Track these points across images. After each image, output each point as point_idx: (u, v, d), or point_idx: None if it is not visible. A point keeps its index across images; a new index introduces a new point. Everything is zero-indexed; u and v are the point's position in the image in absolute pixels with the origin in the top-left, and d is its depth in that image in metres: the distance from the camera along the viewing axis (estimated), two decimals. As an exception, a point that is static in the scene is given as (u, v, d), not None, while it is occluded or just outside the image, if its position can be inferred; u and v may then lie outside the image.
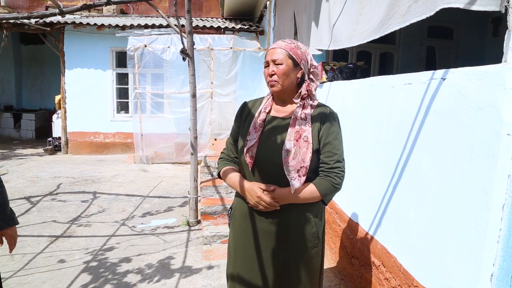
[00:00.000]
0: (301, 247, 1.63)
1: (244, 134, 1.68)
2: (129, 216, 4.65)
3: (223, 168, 1.76)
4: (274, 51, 1.62)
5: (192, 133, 4.42)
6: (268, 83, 1.64)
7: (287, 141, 1.56)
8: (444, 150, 1.73)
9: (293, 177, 1.53)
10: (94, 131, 9.07)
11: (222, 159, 1.82)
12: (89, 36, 8.64)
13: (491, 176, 1.45)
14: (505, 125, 1.39)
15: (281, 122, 1.65)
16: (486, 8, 1.62)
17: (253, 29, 8.87)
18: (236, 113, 1.81)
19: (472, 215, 1.54)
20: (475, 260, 1.51)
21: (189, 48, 4.23)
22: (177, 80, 8.09)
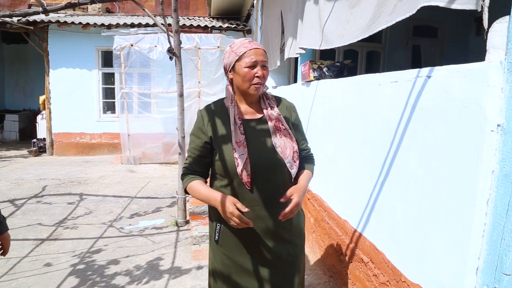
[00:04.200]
0: (301, 238, 1.73)
1: (226, 151, 1.55)
2: (117, 217, 4.60)
3: (190, 182, 1.60)
4: (262, 52, 1.56)
5: (180, 133, 4.39)
6: (253, 85, 1.55)
7: (274, 138, 1.57)
8: (430, 147, 1.75)
9: (291, 166, 1.58)
10: (80, 132, 8.94)
11: (187, 174, 1.64)
12: (74, 35, 8.51)
13: (476, 172, 1.47)
14: (489, 122, 1.41)
15: (258, 123, 1.62)
16: (464, 6, 1.65)
17: (240, 28, 8.85)
18: (196, 124, 1.66)
19: (458, 211, 1.56)
20: (461, 254, 1.53)
21: (176, 47, 4.20)
22: (164, 79, 8.04)
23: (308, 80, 3.85)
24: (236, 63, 1.55)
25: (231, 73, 1.59)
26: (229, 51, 1.58)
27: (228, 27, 8.80)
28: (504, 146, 1.37)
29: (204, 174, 1.67)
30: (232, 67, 1.57)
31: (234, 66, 1.56)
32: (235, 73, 1.57)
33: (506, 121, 1.36)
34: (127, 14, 10.14)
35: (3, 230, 1.79)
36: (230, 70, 1.59)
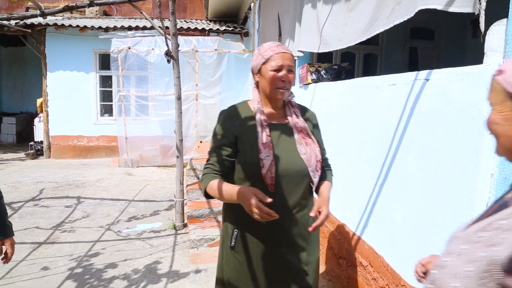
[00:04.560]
0: (316, 246, 1.71)
1: (251, 152, 1.53)
2: (115, 220, 4.58)
3: (211, 181, 1.52)
4: (289, 57, 1.53)
5: (178, 136, 4.38)
6: (278, 88, 1.53)
7: (299, 145, 1.56)
8: (429, 150, 1.76)
9: (314, 174, 1.58)
10: (77, 135, 8.90)
11: (209, 174, 1.56)
12: (72, 38, 8.49)
13: (475, 175, 1.47)
14: (487, 124, 1.41)
15: (283, 127, 1.60)
16: (462, 9, 1.66)
17: (237, 31, 8.86)
18: (221, 124, 1.61)
19: (457, 214, 1.56)
20: (460, 258, 1.53)
21: (173, 50, 4.20)
22: (162, 82, 8.02)
23: (306, 83, 3.85)
24: (262, 66, 1.54)
25: (257, 75, 1.58)
26: (257, 54, 1.57)
27: (225, 30, 8.81)
28: (503, 149, 1.37)
29: (227, 175, 1.60)
30: (258, 69, 1.56)
31: (261, 69, 1.55)
32: (261, 76, 1.56)
33: (504, 124, 1.36)
34: (124, 17, 10.14)
35: (10, 234, 1.78)
36: (257, 73, 1.58)
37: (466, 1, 1.63)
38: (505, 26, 1.50)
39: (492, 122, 0.73)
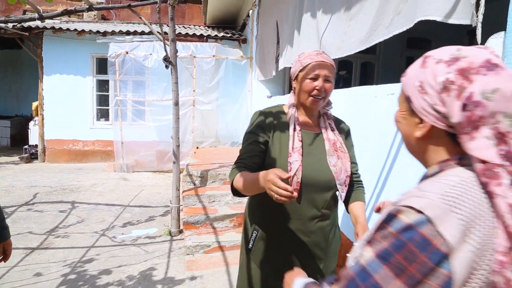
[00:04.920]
0: (334, 259, 1.67)
1: (280, 155, 1.51)
2: (109, 226, 4.54)
3: (238, 174, 1.42)
4: (328, 66, 1.50)
5: (175, 142, 4.37)
6: (312, 96, 1.51)
7: (330, 156, 1.54)
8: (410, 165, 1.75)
9: (342, 188, 1.55)
10: (72, 139, 8.85)
11: (238, 168, 1.48)
12: (69, 41, 8.48)
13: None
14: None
15: (315, 136, 1.59)
16: (460, 21, 1.68)
17: (235, 38, 8.89)
18: (256, 122, 1.60)
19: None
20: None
21: (172, 56, 4.20)
22: (159, 87, 8.02)
23: (304, 91, 3.88)
24: (299, 72, 1.53)
25: (295, 82, 1.58)
26: (296, 60, 1.55)
27: (223, 36, 8.84)
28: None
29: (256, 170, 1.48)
30: (296, 76, 1.56)
31: (298, 76, 1.54)
32: (298, 83, 1.55)
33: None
34: (122, 22, 10.15)
35: (7, 236, 1.86)
36: (294, 79, 1.58)
37: (464, 13, 1.65)
38: (503, 39, 1.51)
39: (395, 120, 0.83)
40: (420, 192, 0.66)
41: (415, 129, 0.76)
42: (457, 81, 0.66)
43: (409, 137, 0.80)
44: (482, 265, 0.62)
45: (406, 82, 0.76)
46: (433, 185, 0.67)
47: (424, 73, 0.72)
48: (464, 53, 0.69)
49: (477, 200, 0.63)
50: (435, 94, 0.69)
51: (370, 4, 2.20)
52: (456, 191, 0.64)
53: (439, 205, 0.62)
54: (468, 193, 0.63)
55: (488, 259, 0.62)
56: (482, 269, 0.62)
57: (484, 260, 0.62)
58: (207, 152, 6.83)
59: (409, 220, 0.63)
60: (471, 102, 0.64)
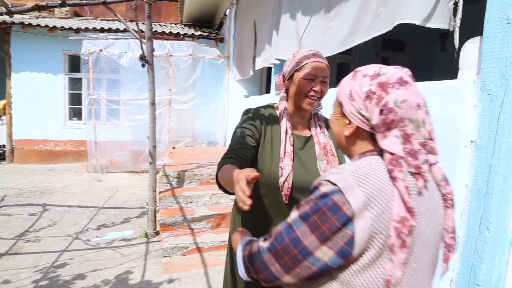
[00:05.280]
0: None
1: (272, 158, 1.46)
2: (83, 229, 4.41)
3: (225, 165, 1.31)
4: (324, 67, 1.46)
5: (151, 142, 4.28)
6: (308, 97, 1.46)
7: (320, 161, 1.50)
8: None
9: None
10: (43, 139, 8.54)
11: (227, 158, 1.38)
12: (40, 38, 8.17)
13: (450, 187, 1.51)
14: (463, 137, 1.46)
15: (306, 140, 1.55)
16: (438, 25, 1.72)
17: (212, 36, 8.83)
18: (248, 118, 1.54)
19: (433, 224, 1.59)
20: (436, 267, 1.56)
21: (148, 55, 4.12)
22: (134, 86, 7.86)
23: (282, 91, 3.88)
24: (295, 72, 1.46)
25: (288, 81, 1.51)
26: (291, 59, 1.49)
27: (200, 35, 8.75)
28: (477, 161, 1.41)
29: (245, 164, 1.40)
30: (290, 75, 1.49)
31: (293, 75, 1.47)
32: (292, 83, 1.48)
33: (479, 137, 1.41)
34: (96, 18, 9.88)
35: None
36: (288, 79, 1.51)
37: (442, 18, 1.69)
38: (479, 43, 1.56)
39: (330, 120, 1.01)
40: (338, 170, 0.84)
41: (344, 128, 0.92)
42: (377, 92, 0.83)
43: (340, 135, 0.96)
44: (381, 230, 0.76)
45: (340, 90, 0.93)
46: (348, 166, 0.84)
47: (353, 84, 0.89)
48: (384, 71, 0.86)
49: (380, 180, 0.79)
50: (360, 101, 0.86)
51: (350, 7, 2.22)
52: (364, 171, 0.80)
53: (348, 179, 0.78)
54: (373, 174, 0.80)
55: (386, 226, 0.77)
56: (381, 233, 0.76)
57: (383, 226, 0.76)
58: (184, 152, 6.75)
59: (325, 190, 0.80)
60: (386, 108, 0.81)
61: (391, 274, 0.76)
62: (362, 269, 0.78)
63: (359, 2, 2.16)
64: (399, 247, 0.76)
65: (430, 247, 0.86)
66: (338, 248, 0.77)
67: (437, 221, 0.88)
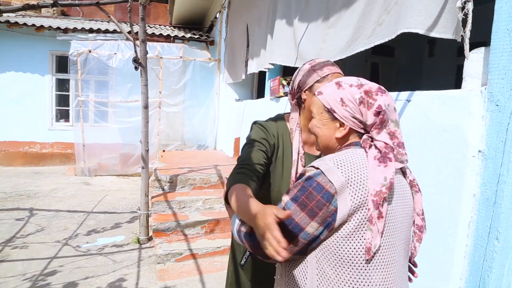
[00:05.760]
0: None
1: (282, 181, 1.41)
2: (73, 234, 4.31)
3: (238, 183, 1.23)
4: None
5: (144, 146, 4.22)
6: None
7: None
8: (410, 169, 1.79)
9: None
10: (29, 141, 8.34)
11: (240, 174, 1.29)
12: (26, 37, 7.99)
13: (458, 195, 1.52)
14: (471, 147, 1.47)
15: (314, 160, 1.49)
16: (442, 35, 1.73)
17: (203, 39, 8.78)
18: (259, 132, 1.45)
19: (440, 232, 1.60)
20: (443, 275, 1.57)
21: (142, 57, 4.06)
22: (124, 88, 7.75)
23: (278, 96, 3.87)
24: (316, 83, 1.36)
25: (306, 93, 1.39)
26: (309, 69, 1.39)
27: (191, 38, 8.69)
28: (485, 171, 1.42)
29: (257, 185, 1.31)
30: (310, 86, 1.37)
31: (312, 87, 1.36)
32: (311, 94, 1.36)
33: (487, 147, 1.42)
34: (84, 19, 9.72)
35: None
36: (306, 90, 1.39)
37: (446, 28, 1.70)
38: (483, 54, 1.57)
39: (314, 126, 1.12)
40: (320, 158, 1.01)
41: (335, 131, 1.06)
42: (365, 98, 1.00)
43: (330, 138, 1.08)
44: (359, 205, 0.91)
45: (327, 98, 1.06)
46: (329, 155, 1.01)
47: (343, 93, 1.03)
48: (363, 82, 1.05)
49: (356, 164, 0.94)
50: (354, 106, 1.01)
51: (351, 14, 2.23)
52: (341, 157, 0.96)
53: (328, 163, 0.95)
54: (350, 160, 0.95)
55: (363, 202, 0.91)
56: (359, 208, 0.91)
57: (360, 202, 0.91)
58: (174, 156, 6.68)
59: (310, 174, 0.96)
60: (381, 110, 0.98)
61: (371, 242, 0.90)
62: (344, 238, 0.92)
63: (361, 10, 2.17)
64: (377, 218, 0.90)
65: (402, 228, 1.01)
66: (324, 221, 0.91)
67: (407, 206, 1.04)
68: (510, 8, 1.36)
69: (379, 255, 0.92)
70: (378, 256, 0.92)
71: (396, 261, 0.98)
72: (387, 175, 0.92)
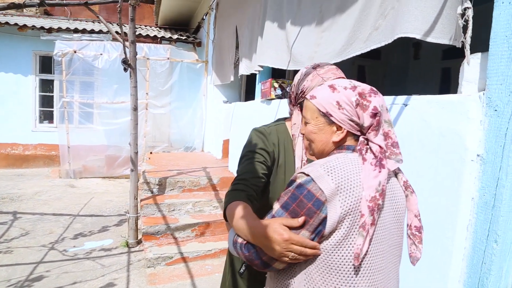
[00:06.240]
0: None
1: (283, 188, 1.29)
2: (59, 238, 4.21)
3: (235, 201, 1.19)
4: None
5: (133, 148, 4.16)
6: None
7: None
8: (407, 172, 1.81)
9: None
10: (11, 142, 8.11)
11: (237, 190, 1.27)
12: (8, 36, 7.78)
13: (456, 198, 1.54)
14: (469, 151, 1.49)
15: None
16: (439, 40, 1.76)
17: (190, 40, 8.72)
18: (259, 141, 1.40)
19: (438, 235, 1.62)
20: (441, 277, 1.59)
21: (131, 59, 4.01)
22: (110, 89, 7.63)
23: (269, 98, 3.86)
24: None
25: None
26: (314, 74, 1.34)
27: (178, 39, 8.62)
28: (483, 175, 1.45)
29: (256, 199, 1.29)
30: None
31: None
32: None
33: (485, 151, 1.44)
34: (69, 18, 9.52)
35: None
36: None
37: (442, 33, 1.73)
38: (479, 59, 1.60)
39: (310, 131, 1.09)
40: (311, 164, 0.99)
41: (332, 135, 1.04)
42: (360, 100, 0.99)
43: (327, 142, 1.05)
44: (349, 211, 0.90)
45: (322, 102, 1.03)
46: (319, 161, 0.99)
47: (339, 96, 1.01)
48: (356, 84, 1.04)
49: (347, 170, 0.93)
50: (351, 109, 0.99)
51: (347, 18, 2.24)
52: (332, 164, 0.94)
53: (319, 170, 0.93)
54: (340, 166, 0.94)
55: (354, 208, 0.90)
56: (349, 214, 0.90)
57: (350, 209, 0.90)
58: (162, 158, 6.61)
59: (300, 181, 0.94)
60: (377, 111, 0.98)
61: (361, 248, 0.89)
62: (334, 246, 0.91)
63: (357, 14, 2.19)
64: (370, 224, 0.89)
65: (391, 234, 1.01)
66: (314, 229, 0.91)
67: (397, 211, 1.03)
68: (508, 15, 1.39)
69: (367, 261, 0.92)
70: (366, 263, 0.92)
71: (384, 268, 0.97)
72: (381, 181, 0.92)
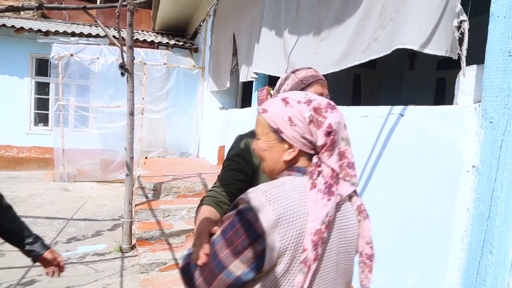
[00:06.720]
0: None
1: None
2: (52, 242, 4.17)
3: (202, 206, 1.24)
4: (326, 84, 1.36)
5: (129, 153, 4.15)
6: None
7: None
8: (403, 184, 1.83)
9: None
10: (5, 144, 8.05)
11: (207, 197, 1.30)
12: (4, 39, 7.76)
13: (451, 209, 1.56)
14: (465, 163, 1.51)
15: None
16: (436, 52, 1.79)
17: (187, 46, 8.75)
18: (238, 147, 1.40)
19: (433, 245, 1.63)
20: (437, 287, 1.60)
21: (129, 64, 4.01)
22: (106, 93, 7.62)
23: (266, 105, 3.89)
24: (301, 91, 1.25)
25: None
26: (293, 77, 1.36)
27: (175, 44, 8.65)
28: (479, 186, 1.47)
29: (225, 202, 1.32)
30: None
31: None
32: None
33: (481, 163, 1.46)
34: (66, 22, 9.51)
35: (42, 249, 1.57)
36: None
37: (439, 45, 1.76)
38: (475, 71, 1.63)
39: (260, 148, 0.99)
40: (254, 189, 0.88)
41: (283, 154, 0.94)
42: (315, 116, 0.89)
43: (277, 161, 0.96)
44: (289, 246, 0.82)
45: (273, 117, 0.94)
46: (264, 185, 0.89)
47: (291, 110, 0.91)
48: (312, 97, 0.93)
49: (291, 199, 0.85)
50: (304, 126, 0.90)
51: (345, 28, 2.27)
52: (276, 191, 0.86)
53: (260, 198, 0.84)
54: (284, 194, 0.85)
55: (295, 242, 0.83)
56: (289, 249, 0.82)
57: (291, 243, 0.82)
58: (157, 163, 6.59)
59: (241, 208, 0.85)
60: (332, 129, 0.88)
61: (301, 286, 0.83)
62: (273, 283, 0.84)
63: (355, 25, 2.22)
64: (312, 260, 0.83)
65: (338, 263, 0.95)
66: (249, 262, 0.82)
67: (347, 240, 0.96)
68: (503, 29, 1.42)
69: None
70: None
71: None
72: (329, 211, 0.85)
